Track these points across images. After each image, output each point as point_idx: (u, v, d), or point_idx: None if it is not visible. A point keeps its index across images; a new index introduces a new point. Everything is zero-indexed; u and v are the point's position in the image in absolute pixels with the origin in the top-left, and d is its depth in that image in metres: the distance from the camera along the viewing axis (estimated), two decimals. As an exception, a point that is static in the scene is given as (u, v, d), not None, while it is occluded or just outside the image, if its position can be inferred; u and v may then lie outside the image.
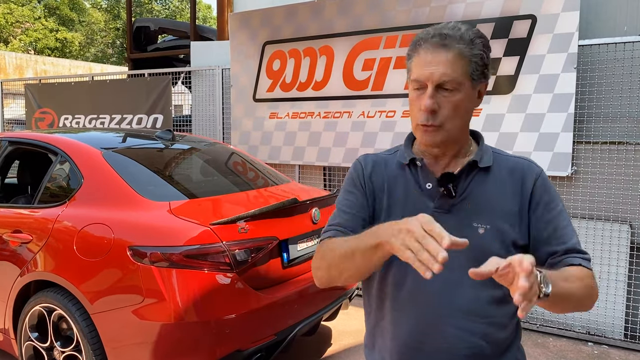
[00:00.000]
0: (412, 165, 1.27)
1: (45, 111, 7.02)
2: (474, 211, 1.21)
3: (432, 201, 1.22)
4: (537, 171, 1.25)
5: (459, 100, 1.17)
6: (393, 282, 1.26)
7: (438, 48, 1.16)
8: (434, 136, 1.19)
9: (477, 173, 1.23)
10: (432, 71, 1.15)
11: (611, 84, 3.68)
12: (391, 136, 4.48)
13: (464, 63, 1.16)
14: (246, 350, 2.52)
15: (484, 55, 1.19)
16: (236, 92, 5.43)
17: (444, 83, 1.15)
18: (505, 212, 1.21)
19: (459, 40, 1.16)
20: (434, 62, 1.15)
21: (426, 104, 1.16)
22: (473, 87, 1.19)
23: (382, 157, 1.35)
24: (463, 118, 1.20)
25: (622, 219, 3.71)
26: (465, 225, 1.19)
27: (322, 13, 4.79)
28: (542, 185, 1.24)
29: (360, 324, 3.99)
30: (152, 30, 8.81)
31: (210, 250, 2.43)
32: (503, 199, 1.22)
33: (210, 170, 3.59)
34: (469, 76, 1.17)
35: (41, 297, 2.75)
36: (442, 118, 1.17)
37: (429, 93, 1.16)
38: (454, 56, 1.15)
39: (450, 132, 1.19)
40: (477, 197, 1.22)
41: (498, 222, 1.19)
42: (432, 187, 1.23)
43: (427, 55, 1.17)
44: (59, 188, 3.06)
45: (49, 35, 31.58)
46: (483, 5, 4.01)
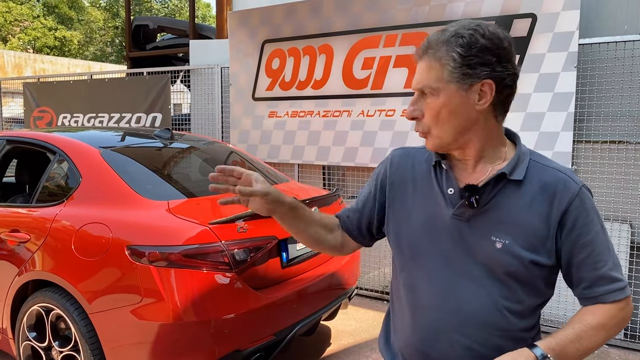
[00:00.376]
0: (438, 167, 1.26)
1: (43, 110, 7.00)
2: (495, 224, 1.16)
3: (452, 207, 1.20)
4: (574, 190, 1.15)
5: (438, 105, 1.14)
6: (405, 284, 1.28)
7: (420, 56, 1.19)
8: (427, 143, 1.21)
9: (506, 184, 1.17)
10: (415, 78, 1.19)
11: (611, 83, 3.67)
12: (391, 135, 4.47)
13: (436, 68, 1.14)
14: (245, 350, 2.51)
15: (458, 56, 1.11)
16: (235, 91, 5.42)
17: (422, 89, 1.17)
18: (529, 230, 1.14)
19: (433, 45, 1.15)
20: (417, 70, 1.19)
21: (407, 112, 1.21)
22: (461, 89, 1.12)
23: (412, 153, 1.36)
24: (450, 122, 1.15)
25: (622, 219, 3.70)
26: (483, 237, 1.16)
27: (322, 11, 4.77)
28: (579, 207, 1.14)
29: (359, 323, 4.00)
30: (151, 28, 8.78)
31: (209, 249, 2.41)
32: (528, 217, 1.14)
33: (209, 169, 3.57)
34: (444, 80, 1.13)
35: (39, 296, 2.74)
36: (425, 125, 1.18)
37: (412, 100, 1.20)
38: (426, 63, 1.17)
39: (441, 139, 1.17)
40: (501, 211, 1.16)
41: (518, 239, 1.14)
42: (454, 193, 1.20)
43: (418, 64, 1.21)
44: (57, 187, 3.04)
45: (47, 33, 31.52)
46: (483, 4, 4.00)
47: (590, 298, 1.17)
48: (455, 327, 1.18)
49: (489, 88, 1.13)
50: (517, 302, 1.17)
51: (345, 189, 4.90)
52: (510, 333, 1.17)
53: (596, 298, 1.16)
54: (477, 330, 1.16)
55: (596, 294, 1.16)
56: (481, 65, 1.11)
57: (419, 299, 1.23)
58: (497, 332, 1.16)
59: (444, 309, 1.19)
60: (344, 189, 4.89)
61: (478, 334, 1.17)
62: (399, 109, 4.42)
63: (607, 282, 1.15)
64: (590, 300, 1.17)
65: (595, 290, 1.16)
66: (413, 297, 1.25)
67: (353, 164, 4.70)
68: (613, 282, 1.15)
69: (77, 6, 34.54)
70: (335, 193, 3.39)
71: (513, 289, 1.16)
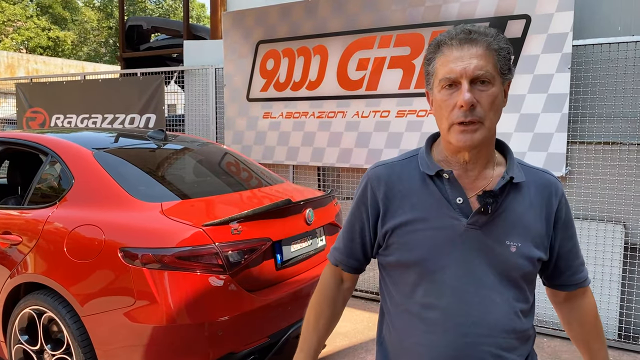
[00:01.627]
0: (437, 177, 1.20)
1: (36, 110, 6.96)
2: (507, 228, 1.17)
3: (464, 216, 1.17)
4: (561, 189, 1.26)
5: (496, 93, 1.13)
6: (422, 303, 1.20)
7: (465, 43, 1.12)
8: (473, 135, 1.12)
9: (510, 188, 1.19)
10: (465, 65, 1.11)
11: (605, 84, 3.68)
12: (385, 136, 4.46)
13: (493, 56, 1.13)
14: (239, 352, 2.49)
15: (510, 49, 1.16)
16: (229, 92, 5.40)
17: (479, 76, 1.11)
18: (535, 229, 1.20)
19: (485, 34, 1.13)
20: (465, 56, 1.12)
21: (465, 98, 1.10)
22: (501, 83, 1.15)
23: (396, 167, 1.27)
24: (498, 114, 1.16)
25: (616, 219, 3.71)
26: (498, 243, 1.17)
27: (316, 12, 4.77)
28: (565, 204, 1.26)
29: (354, 325, 3.99)
30: (144, 29, 8.75)
31: (202, 251, 2.40)
32: (533, 217, 1.20)
33: (203, 171, 3.56)
34: (498, 70, 1.14)
35: (31, 299, 2.71)
36: (481, 113, 1.12)
37: (465, 87, 1.10)
38: (484, 49, 1.12)
39: (490, 130, 1.15)
40: (510, 214, 1.18)
41: (528, 239, 1.18)
42: (463, 202, 1.18)
43: (454, 52, 1.13)
44: (49, 189, 3.02)
45: (41, 34, 31.35)
46: (478, 5, 4.00)
47: (576, 284, 1.31)
48: (484, 338, 1.16)
49: (508, 87, 1.21)
50: (526, 302, 1.21)
51: (340, 190, 4.89)
52: (523, 334, 1.21)
53: (582, 283, 1.31)
54: (502, 337, 1.17)
55: (581, 279, 1.31)
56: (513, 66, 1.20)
57: (441, 315, 1.17)
58: (515, 334, 1.19)
59: (470, 321, 1.16)
60: (339, 190, 4.88)
61: (504, 341, 1.17)
62: (393, 110, 4.42)
63: (583, 267, 1.32)
64: (575, 286, 1.31)
65: (579, 276, 1.31)
66: (433, 314, 1.18)
67: (348, 165, 4.70)
68: (584, 266, 1.33)
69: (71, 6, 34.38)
70: (330, 194, 3.38)
71: (523, 289, 1.20)
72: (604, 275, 3.71)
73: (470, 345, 1.16)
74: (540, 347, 3.66)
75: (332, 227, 3.36)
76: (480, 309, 1.16)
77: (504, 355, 1.17)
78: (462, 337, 1.16)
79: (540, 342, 3.74)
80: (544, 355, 3.54)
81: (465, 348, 1.16)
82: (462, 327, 1.16)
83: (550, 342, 3.75)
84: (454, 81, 1.13)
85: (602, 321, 3.63)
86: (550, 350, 3.62)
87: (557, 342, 3.74)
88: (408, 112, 4.35)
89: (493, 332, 1.16)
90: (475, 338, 1.16)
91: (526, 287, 1.20)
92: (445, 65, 1.14)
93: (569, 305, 1.35)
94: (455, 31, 1.15)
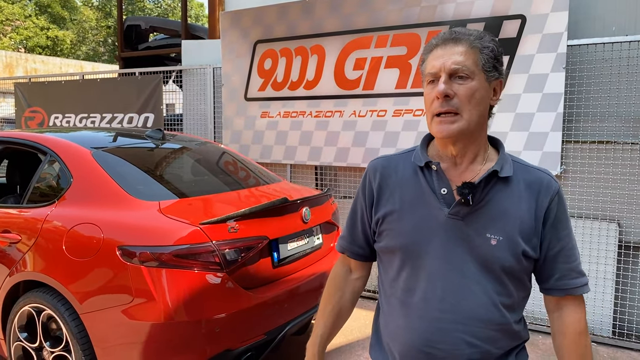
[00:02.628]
0: (426, 169, 1.27)
1: (35, 110, 6.97)
2: (489, 221, 1.20)
3: (447, 207, 1.22)
4: (555, 188, 1.25)
5: (474, 87, 1.18)
6: (405, 287, 1.27)
7: (449, 42, 1.20)
8: (451, 126, 1.18)
9: (496, 182, 1.23)
10: (444, 60, 1.18)
11: (599, 83, 3.71)
12: (382, 135, 4.49)
13: (475, 53, 1.18)
14: (236, 349, 2.52)
15: (495, 48, 1.20)
16: (227, 91, 5.42)
17: (457, 70, 1.17)
18: (520, 224, 1.21)
19: (468, 34, 1.20)
20: (447, 54, 1.19)
21: (439, 88, 1.17)
22: (487, 81, 1.20)
23: (394, 159, 1.35)
24: (478, 108, 1.19)
25: (610, 218, 3.75)
26: (479, 235, 1.20)
27: (313, 12, 4.79)
28: (558, 204, 1.24)
29: (351, 322, 4.02)
30: (143, 28, 8.77)
31: (199, 249, 2.43)
32: (519, 212, 1.21)
33: (201, 170, 3.58)
34: (480, 67, 1.18)
35: (30, 297, 2.74)
36: (457, 103, 1.18)
37: (442, 79, 1.18)
38: (465, 47, 1.18)
39: (468, 123, 1.18)
40: (493, 207, 1.21)
41: (511, 233, 1.20)
42: (447, 193, 1.23)
43: (439, 50, 1.21)
44: (48, 188, 3.04)
45: (39, 33, 31.34)
46: (473, 5, 4.03)
47: (562, 290, 1.26)
48: (458, 325, 1.20)
49: (499, 86, 1.25)
50: (508, 297, 1.22)
51: (337, 189, 4.92)
52: (505, 327, 1.23)
53: (567, 290, 1.26)
54: (478, 326, 1.20)
55: (568, 286, 1.26)
56: (502, 65, 1.23)
57: (419, 300, 1.24)
58: (495, 326, 1.21)
59: (446, 308, 1.21)
60: (336, 189, 4.91)
61: (479, 330, 1.20)
62: (390, 109, 4.44)
63: (577, 275, 1.26)
64: (561, 291, 1.26)
65: (567, 282, 1.26)
66: (412, 299, 1.25)
67: (345, 164, 4.73)
68: (582, 276, 1.27)
69: (70, 6, 34.35)
70: (326, 193, 3.41)
71: (505, 284, 1.21)
72: (598, 273, 3.74)
73: (445, 330, 1.21)
74: (535, 344, 3.70)
75: (328, 225, 3.39)
76: (456, 297, 1.20)
77: (478, 344, 1.21)
78: (437, 322, 1.22)
79: (535, 339, 3.77)
80: (539, 352, 3.58)
81: (439, 333, 1.21)
82: (437, 313, 1.22)
83: (545, 340, 3.78)
84: (435, 76, 1.20)
85: (596, 318, 3.69)
86: (545, 347, 3.66)
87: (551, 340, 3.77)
88: (405, 112, 4.38)
89: (468, 321, 1.20)
90: (450, 324, 1.21)
91: (509, 282, 1.21)
92: (430, 63, 1.22)
93: (556, 314, 1.30)
94: (443, 33, 1.23)
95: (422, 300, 1.23)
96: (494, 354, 1.23)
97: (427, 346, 1.23)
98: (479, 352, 1.21)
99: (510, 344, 1.27)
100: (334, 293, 1.47)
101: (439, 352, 1.22)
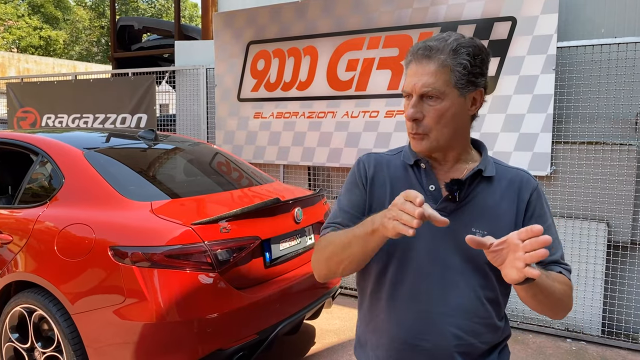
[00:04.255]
0: (416, 167, 1.31)
1: (27, 110, 6.95)
2: (474, 217, 1.25)
3: (435, 203, 1.26)
4: (534, 184, 1.31)
5: (443, 108, 1.20)
6: (392, 281, 1.29)
7: (422, 59, 1.22)
8: (421, 144, 1.24)
9: (481, 181, 1.28)
10: (415, 82, 1.21)
11: (589, 85, 3.75)
12: (374, 136, 4.51)
13: (446, 72, 1.19)
14: (228, 349, 2.53)
15: (468, 64, 1.20)
16: (220, 92, 5.43)
17: (427, 92, 1.20)
18: (503, 220, 1.26)
19: (441, 50, 1.20)
20: (418, 73, 1.22)
21: (408, 113, 1.23)
22: (461, 95, 1.21)
23: (385, 157, 1.39)
24: (450, 126, 1.22)
25: (599, 218, 3.78)
26: (465, 230, 1.23)
27: (306, 13, 4.81)
28: (537, 199, 1.30)
29: (343, 322, 4.04)
30: (136, 29, 8.76)
31: (191, 250, 2.44)
32: (502, 208, 1.27)
33: (193, 170, 3.59)
34: (452, 85, 1.20)
35: (22, 297, 2.74)
36: (426, 127, 1.22)
37: (412, 102, 1.22)
38: (436, 66, 1.20)
39: (438, 141, 1.23)
40: (478, 204, 1.26)
41: (496, 229, 1.23)
42: (435, 189, 1.28)
43: (413, 67, 1.24)
44: (40, 188, 3.04)
45: (32, 33, 31.16)
46: (465, 7, 4.06)
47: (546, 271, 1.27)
48: (445, 317, 1.24)
49: (479, 95, 1.26)
50: (492, 290, 1.26)
51: (330, 189, 4.94)
52: (488, 321, 1.26)
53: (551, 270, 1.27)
54: (463, 318, 1.24)
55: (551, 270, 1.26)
56: (480, 76, 1.23)
57: (406, 293, 1.27)
58: (479, 319, 1.25)
59: (433, 300, 1.24)
60: (329, 190, 4.93)
61: (464, 322, 1.24)
62: (382, 110, 4.47)
63: (560, 265, 1.28)
64: None
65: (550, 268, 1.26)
66: (399, 292, 1.28)
67: (338, 165, 4.74)
68: (565, 265, 1.29)
69: (63, 5, 34.18)
70: (318, 193, 3.43)
71: (489, 278, 1.25)
72: (587, 272, 3.78)
73: (432, 322, 1.24)
74: (526, 343, 3.73)
75: (320, 225, 3.40)
76: (442, 290, 1.24)
77: (464, 337, 1.24)
78: (424, 314, 1.25)
79: (525, 338, 3.81)
80: (529, 351, 3.61)
81: (426, 325, 1.24)
82: (424, 305, 1.25)
83: (536, 339, 3.81)
84: (408, 94, 1.25)
85: (586, 317, 3.73)
86: (535, 346, 3.69)
87: (542, 338, 3.81)
88: (397, 112, 4.41)
89: (454, 313, 1.23)
90: (437, 316, 1.24)
91: (493, 276, 1.25)
92: (407, 79, 1.26)
93: None
94: (421, 44, 1.24)
95: (409, 293, 1.26)
96: (479, 349, 1.26)
97: (415, 338, 1.25)
98: (465, 345, 1.24)
99: (494, 340, 1.30)
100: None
101: (426, 344, 1.24)
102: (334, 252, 1.23)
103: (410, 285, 1.26)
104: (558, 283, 1.20)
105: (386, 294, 1.30)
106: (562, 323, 3.88)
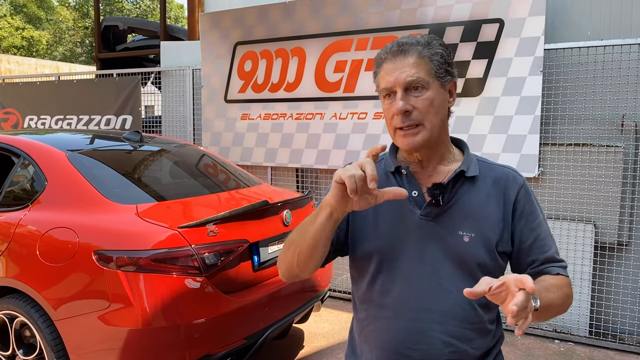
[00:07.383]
0: (397, 173, 1.29)
1: (9, 111, 6.82)
2: (460, 219, 1.23)
3: (419, 209, 1.24)
4: (521, 182, 1.28)
5: (431, 96, 1.19)
6: (380, 290, 1.27)
7: (398, 55, 1.20)
8: (415, 137, 1.20)
9: (464, 182, 1.25)
10: (397, 75, 1.19)
11: (575, 87, 3.78)
12: (363, 138, 4.50)
13: (426, 62, 1.19)
14: (216, 354, 2.49)
15: (444, 53, 1.21)
16: (207, 93, 5.37)
17: (412, 83, 1.18)
18: (490, 220, 1.23)
19: (415, 44, 1.20)
20: (398, 67, 1.19)
21: (398, 106, 1.18)
22: (442, 86, 1.21)
23: None
24: (439, 114, 1.21)
25: (586, 219, 3.81)
26: (451, 233, 1.21)
27: (294, 14, 4.78)
28: (525, 196, 1.27)
29: (332, 325, 4.01)
30: (120, 29, 8.66)
31: (178, 254, 2.39)
32: (488, 208, 1.24)
33: (180, 173, 3.54)
34: (433, 75, 1.19)
35: (2, 304, 2.67)
36: (418, 116, 1.19)
37: (399, 96, 1.19)
38: (415, 58, 1.19)
39: (431, 132, 1.20)
40: (463, 206, 1.24)
41: (483, 230, 1.22)
42: (418, 195, 1.25)
43: (389, 65, 1.21)
44: (21, 191, 2.97)
45: (14, 33, 30.67)
46: (453, 9, 4.07)
47: (541, 273, 1.25)
48: (434, 324, 1.21)
49: (454, 87, 1.27)
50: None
51: (319, 191, 4.91)
52: (480, 325, 1.24)
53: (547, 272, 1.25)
54: (454, 325, 1.21)
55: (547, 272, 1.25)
56: (453, 66, 1.25)
57: (395, 301, 1.24)
58: (470, 325, 1.23)
59: (422, 307, 1.22)
60: (318, 191, 4.90)
61: (455, 330, 1.21)
62: (371, 111, 4.45)
63: (554, 262, 1.27)
64: (538, 274, 1.25)
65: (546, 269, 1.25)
66: (388, 300, 1.25)
67: (326, 167, 4.72)
68: (559, 262, 1.27)
69: (46, 5, 33.73)
70: (308, 195, 3.39)
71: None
72: (575, 273, 3.79)
73: (421, 330, 1.22)
74: (514, 344, 3.73)
75: (309, 228, 3.37)
76: (432, 296, 1.21)
77: (455, 344, 1.22)
78: (413, 322, 1.22)
79: (514, 339, 3.81)
80: (518, 352, 3.61)
81: (416, 333, 1.22)
82: (414, 313, 1.22)
83: (524, 340, 3.82)
84: (390, 91, 1.21)
85: (573, 318, 3.75)
86: (524, 347, 3.69)
87: (530, 340, 3.82)
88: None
89: (444, 320, 1.21)
90: (427, 324, 1.21)
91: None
92: (383, 78, 1.22)
93: None
94: (391, 45, 1.23)
95: (398, 301, 1.24)
96: (471, 355, 1.24)
97: (405, 347, 1.23)
98: (456, 352, 1.22)
99: (486, 345, 1.27)
100: None
101: (416, 354, 1.22)
102: (292, 245, 1.21)
103: (399, 293, 1.24)
104: (557, 290, 1.17)
105: (376, 303, 1.28)
106: (550, 324, 3.89)
